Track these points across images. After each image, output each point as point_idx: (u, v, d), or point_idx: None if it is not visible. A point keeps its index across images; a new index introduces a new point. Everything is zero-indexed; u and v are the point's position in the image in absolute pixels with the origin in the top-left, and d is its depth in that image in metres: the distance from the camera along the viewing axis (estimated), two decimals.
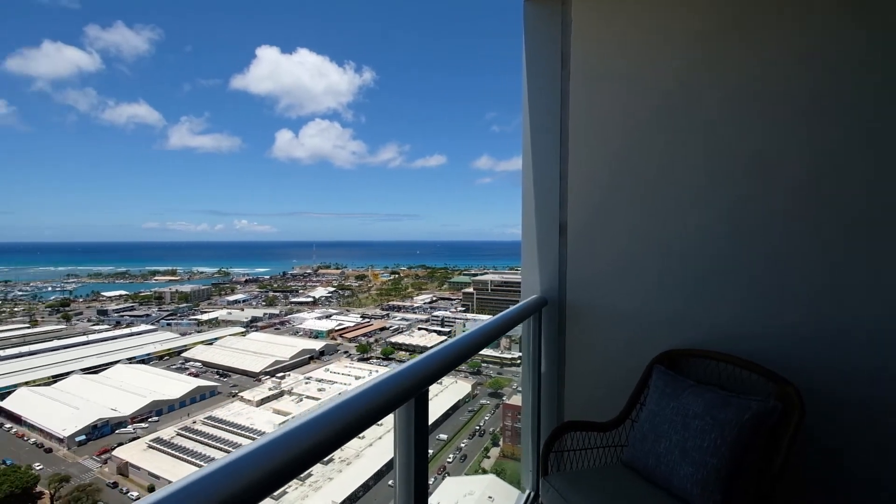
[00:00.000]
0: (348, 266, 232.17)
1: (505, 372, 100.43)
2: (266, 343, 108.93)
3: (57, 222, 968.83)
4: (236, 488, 0.86)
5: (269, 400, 74.07)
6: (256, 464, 0.93)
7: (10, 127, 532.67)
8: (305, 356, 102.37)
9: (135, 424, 67.96)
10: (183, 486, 0.91)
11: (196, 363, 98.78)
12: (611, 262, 3.40)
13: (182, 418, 68.50)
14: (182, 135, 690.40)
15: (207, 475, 0.98)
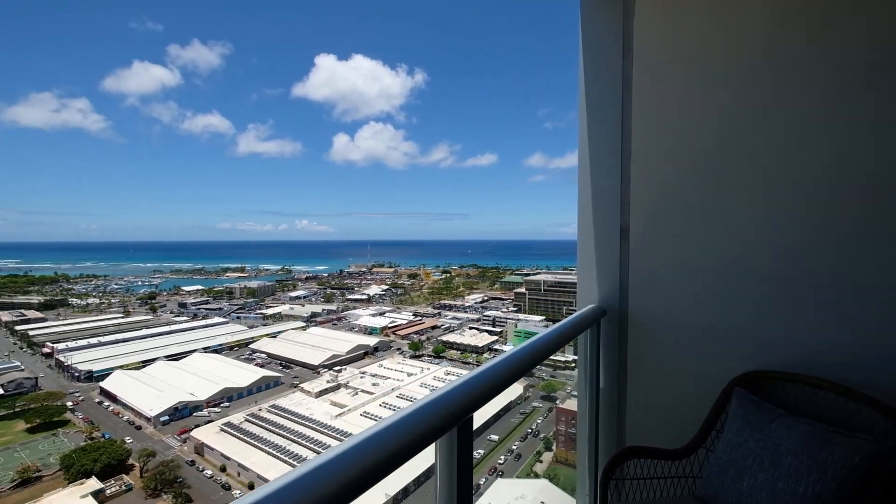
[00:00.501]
0: (401, 265, 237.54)
1: (559, 375, 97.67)
2: (324, 337, 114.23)
3: (146, 223, 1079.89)
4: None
5: (327, 392, 77.56)
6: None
7: (108, 139, 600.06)
8: (360, 351, 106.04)
9: (209, 408, 74.03)
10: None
11: (262, 354, 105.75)
12: (680, 270, 3.00)
13: (250, 405, 73.55)
14: (249, 141, 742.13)
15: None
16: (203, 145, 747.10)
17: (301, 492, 0.90)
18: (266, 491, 0.88)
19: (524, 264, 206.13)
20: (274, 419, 66.44)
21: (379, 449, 1.12)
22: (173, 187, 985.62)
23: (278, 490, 0.88)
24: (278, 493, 0.88)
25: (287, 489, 0.90)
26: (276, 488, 0.88)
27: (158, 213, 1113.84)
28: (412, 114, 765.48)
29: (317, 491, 0.93)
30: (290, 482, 0.94)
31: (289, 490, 0.90)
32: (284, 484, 0.91)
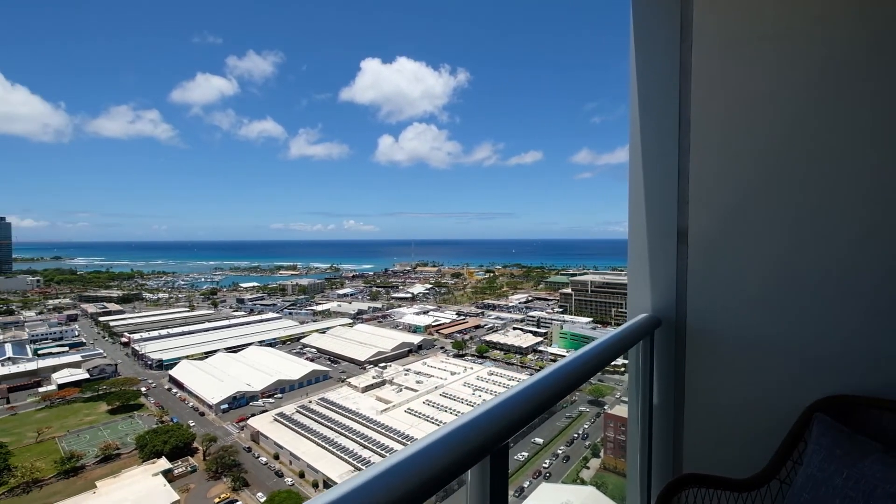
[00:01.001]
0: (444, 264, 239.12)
1: (606, 379, 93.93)
2: (370, 334, 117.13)
3: (208, 224, 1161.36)
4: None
5: (373, 388, 79.48)
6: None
7: (175, 146, 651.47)
8: (405, 349, 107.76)
9: (264, 399, 78.14)
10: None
11: (311, 349, 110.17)
12: (749, 279, 2.66)
13: (300, 398, 76.86)
14: (300, 145, 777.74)
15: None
16: (258, 150, 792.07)
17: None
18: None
19: (570, 264, 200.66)
20: (323, 412, 69.04)
21: (398, 484, 1.01)
22: (232, 190, 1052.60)
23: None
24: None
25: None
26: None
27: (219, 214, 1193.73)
28: (455, 113, 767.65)
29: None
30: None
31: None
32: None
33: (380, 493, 0.94)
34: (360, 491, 0.92)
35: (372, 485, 0.96)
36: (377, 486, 0.96)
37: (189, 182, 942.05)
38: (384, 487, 0.96)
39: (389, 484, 0.98)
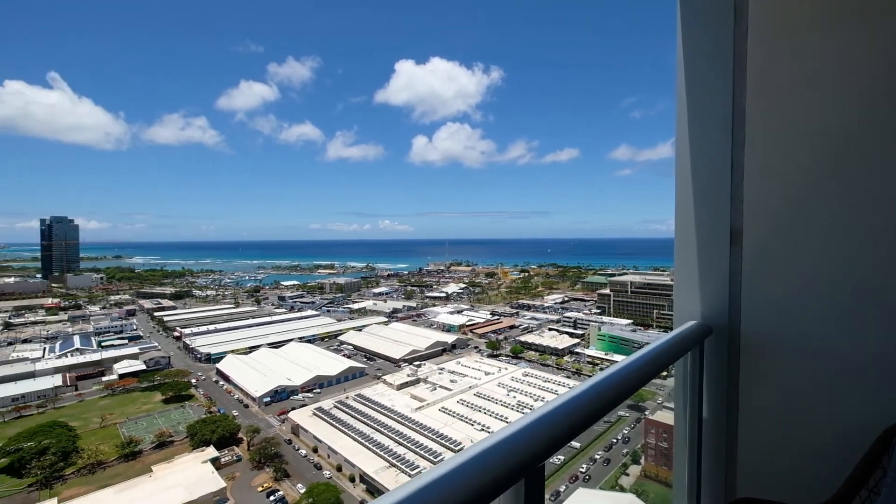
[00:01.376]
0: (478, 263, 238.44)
1: (648, 384, 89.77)
2: (405, 333, 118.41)
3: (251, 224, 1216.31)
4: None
5: (407, 385, 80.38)
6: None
7: (221, 151, 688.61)
8: (439, 348, 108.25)
9: (304, 393, 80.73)
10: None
11: (348, 346, 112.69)
12: (812, 284, 2.41)
13: (338, 393, 78.85)
14: (337, 147, 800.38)
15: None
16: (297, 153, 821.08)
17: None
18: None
19: (608, 264, 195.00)
20: (359, 407, 70.51)
21: None
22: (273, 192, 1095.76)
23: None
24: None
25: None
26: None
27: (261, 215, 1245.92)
28: (489, 112, 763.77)
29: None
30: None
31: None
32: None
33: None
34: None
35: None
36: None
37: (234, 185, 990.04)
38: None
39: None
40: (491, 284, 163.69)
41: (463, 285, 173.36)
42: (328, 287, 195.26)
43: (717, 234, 2.68)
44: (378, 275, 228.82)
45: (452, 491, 0.99)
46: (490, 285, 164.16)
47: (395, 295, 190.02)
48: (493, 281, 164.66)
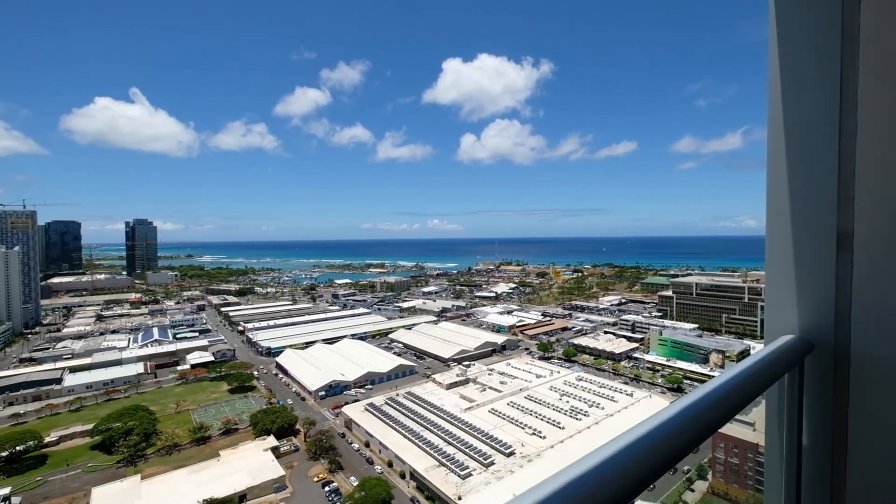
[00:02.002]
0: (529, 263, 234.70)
1: None
2: (454, 332, 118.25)
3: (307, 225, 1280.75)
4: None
5: (457, 385, 79.99)
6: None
7: (279, 155, 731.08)
8: (488, 348, 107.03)
9: (356, 389, 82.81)
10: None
11: (398, 344, 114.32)
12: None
13: (389, 390, 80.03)
14: (387, 148, 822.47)
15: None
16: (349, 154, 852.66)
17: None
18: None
19: (670, 264, 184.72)
20: (409, 405, 71.08)
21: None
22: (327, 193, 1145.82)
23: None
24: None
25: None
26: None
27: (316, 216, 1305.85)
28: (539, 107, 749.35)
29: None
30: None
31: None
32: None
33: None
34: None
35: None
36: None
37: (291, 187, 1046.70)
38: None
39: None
40: (542, 284, 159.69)
41: (513, 285, 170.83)
42: (379, 286, 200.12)
43: (820, 237, 2.24)
44: (427, 274, 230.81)
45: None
46: (541, 285, 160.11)
47: (444, 294, 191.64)
48: (545, 281, 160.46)
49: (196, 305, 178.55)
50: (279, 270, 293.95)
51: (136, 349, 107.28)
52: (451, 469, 53.49)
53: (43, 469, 57.08)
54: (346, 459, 58.63)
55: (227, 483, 50.77)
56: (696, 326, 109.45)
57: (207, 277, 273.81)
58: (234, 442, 61.68)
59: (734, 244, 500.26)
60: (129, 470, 55.90)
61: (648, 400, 71.93)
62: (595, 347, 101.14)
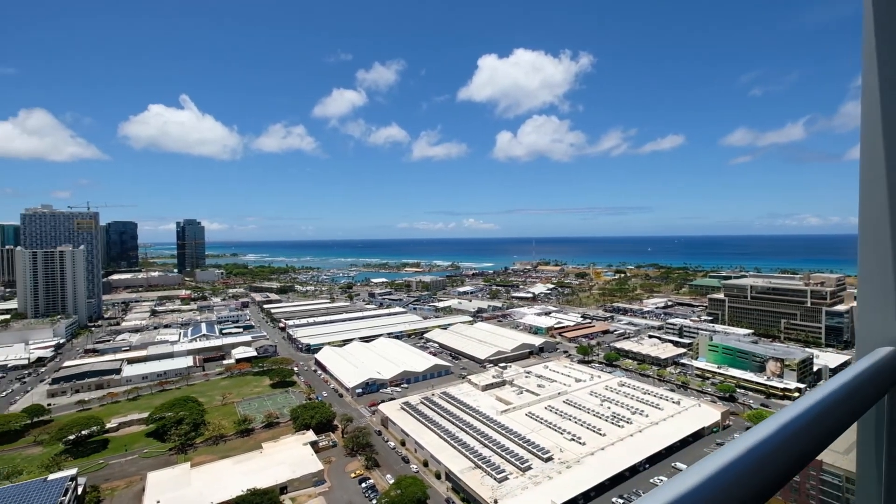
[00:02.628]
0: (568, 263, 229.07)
1: (773, 405, 77.99)
2: (490, 333, 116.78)
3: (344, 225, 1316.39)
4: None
5: (493, 387, 78.73)
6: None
7: (317, 157, 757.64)
8: (525, 350, 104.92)
9: (392, 387, 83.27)
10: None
11: (434, 344, 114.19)
12: None
13: (425, 389, 79.86)
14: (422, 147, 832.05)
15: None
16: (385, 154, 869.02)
17: None
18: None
19: (722, 265, 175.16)
20: (444, 405, 70.51)
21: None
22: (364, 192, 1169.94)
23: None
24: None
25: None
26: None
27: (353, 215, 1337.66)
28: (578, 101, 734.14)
29: None
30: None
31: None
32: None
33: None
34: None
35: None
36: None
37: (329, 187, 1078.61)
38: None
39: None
40: (582, 285, 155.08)
41: (551, 286, 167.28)
42: (414, 285, 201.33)
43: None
44: (463, 273, 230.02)
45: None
46: (581, 286, 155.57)
47: (479, 294, 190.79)
48: (585, 282, 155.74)
49: (240, 302, 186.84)
50: (318, 269, 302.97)
51: (185, 343, 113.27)
52: (487, 472, 52.48)
53: (105, 453, 61.09)
54: (383, 457, 58.86)
55: (268, 475, 52.22)
56: (751, 332, 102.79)
57: (251, 275, 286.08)
58: (276, 435, 63.45)
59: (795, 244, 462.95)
60: (180, 457, 58.72)
61: (697, 409, 67.83)
62: (639, 352, 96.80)
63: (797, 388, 74.80)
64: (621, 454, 56.22)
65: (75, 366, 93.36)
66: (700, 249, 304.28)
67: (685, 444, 61.09)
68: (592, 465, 53.75)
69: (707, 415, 66.39)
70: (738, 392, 77.28)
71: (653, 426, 62.69)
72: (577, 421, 64.57)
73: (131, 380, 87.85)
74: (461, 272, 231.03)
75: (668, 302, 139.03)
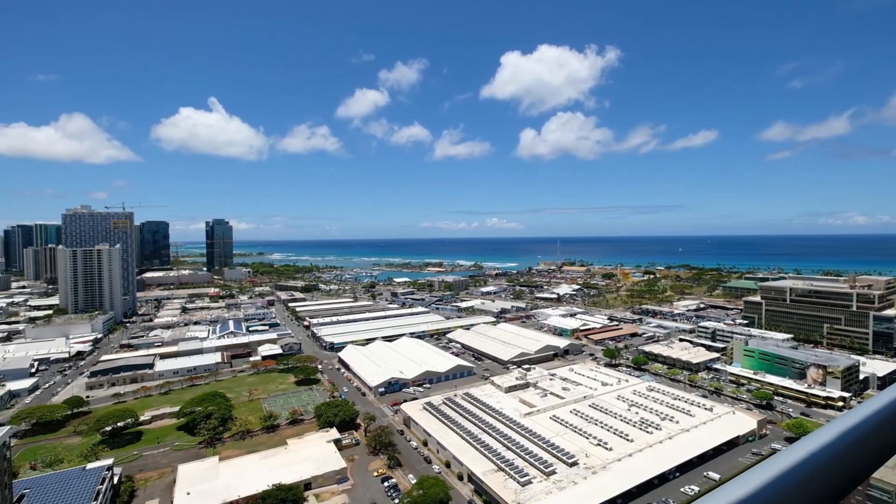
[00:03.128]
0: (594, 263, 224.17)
1: (814, 414, 73.72)
2: (513, 334, 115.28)
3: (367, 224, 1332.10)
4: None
5: (516, 389, 77.48)
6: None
7: (340, 157, 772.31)
8: (549, 352, 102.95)
9: (415, 387, 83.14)
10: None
11: (456, 344, 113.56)
12: None
13: (447, 390, 79.32)
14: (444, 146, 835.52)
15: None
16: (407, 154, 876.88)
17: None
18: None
19: (758, 266, 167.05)
20: (467, 406, 69.78)
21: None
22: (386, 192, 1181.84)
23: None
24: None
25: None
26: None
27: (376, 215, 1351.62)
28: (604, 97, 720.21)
29: None
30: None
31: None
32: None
33: None
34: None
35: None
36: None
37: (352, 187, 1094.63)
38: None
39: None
40: (609, 286, 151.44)
41: (576, 286, 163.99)
42: (437, 284, 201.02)
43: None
44: (486, 273, 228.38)
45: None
46: (608, 287, 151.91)
47: (503, 294, 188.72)
48: (612, 283, 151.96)
49: (266, 300, 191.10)
50: (341, 268, 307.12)
51: (214, 339, 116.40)
52: (511, 475, 51.53)
53: (139, 444, 63.22)
54: (405, 456, 58.65)
55: (293, 470, 52.78)
56: (791, 337, 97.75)
57: (276, 274, 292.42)
58: (300, 432, 64.17)
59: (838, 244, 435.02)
60: (209, 451, 60.10)
61: (731, 416, 64.84)
62: (669, 356, 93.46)
63: (841, 397, 70.53)
64: (650, 461, 54.27)
65: (111, 360, 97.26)
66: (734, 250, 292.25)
67: (718, 453, 58.43)
68: (619, 472, 52.04)
69: (742, 423, 63.38)
70: (776, 400, 73.58)
71: (683, 433, 60.32)
72: (603, 426, 62.75)
73: (163, 374, 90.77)
74: (484, 272, 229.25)
75: (701, 304, 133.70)
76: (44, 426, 67.82)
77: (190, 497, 48.44)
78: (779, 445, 62.65)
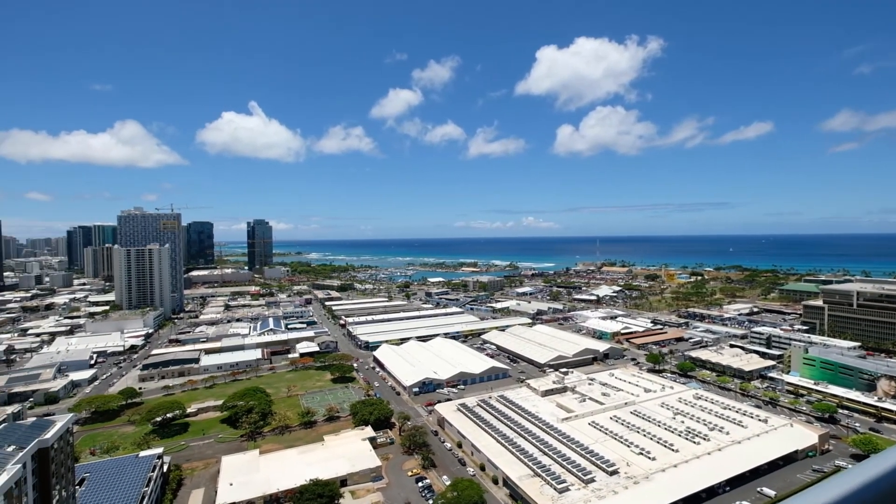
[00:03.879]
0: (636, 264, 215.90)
1: (885, 430, 67.02)
2: (550, 336, 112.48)
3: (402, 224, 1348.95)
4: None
5: (553, 393, 75.34)
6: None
7: (375, 157, 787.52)
8: (588, 356, 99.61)
9: (449, 388, 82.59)
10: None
11: (491, 345, 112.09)
12: None
13: (482, 392, 78.26)
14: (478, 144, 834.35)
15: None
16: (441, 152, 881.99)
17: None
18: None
19: (819, 267, 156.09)
20: (502, 409, 68.47)
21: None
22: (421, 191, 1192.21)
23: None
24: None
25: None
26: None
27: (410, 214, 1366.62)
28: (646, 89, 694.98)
29: None
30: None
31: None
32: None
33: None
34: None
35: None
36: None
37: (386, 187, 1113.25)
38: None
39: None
40: (652, 288, 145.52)
41: (617, 288, 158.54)
42: (472, 285, 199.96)
43: None
44: (521, 274, 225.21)
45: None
46: (651, 289, 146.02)
47: (539, 295, 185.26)
48: (655, 284, 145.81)
49: (304, 299, 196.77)
50: (376, 268, 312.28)
51: (255, 336, 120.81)
52: (547, 481, 49.97)
53: (185, 435, 66.21)
54: (439, 457, 58.19)
55: (329, 467, 53.50)
56: (858, 345, 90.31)
57: (313, 273, 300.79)
58: (336, 429, 65.10)
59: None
60: (250, 444, 62.09)
61: (789, 429, 60.11)
62: (718, 362, 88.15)
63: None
64: (697, 473, 51.14)
65: (161, 354, 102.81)
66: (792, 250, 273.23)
67: (774, 468, 54.29)
68: (663, 483, 49.31)
69: (801, 436, 58.62)
70: (841, 413, 67.73)
71: (734, 445, 56.51)
72: (646, 434, 59.79)
73: (208, 369, 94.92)
74: (520, 272, 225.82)
75: (754, 308, 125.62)
76: (101, 415, 72.32)
77: (232, 488, 50.02)
78: (843, 463, 57.72)
